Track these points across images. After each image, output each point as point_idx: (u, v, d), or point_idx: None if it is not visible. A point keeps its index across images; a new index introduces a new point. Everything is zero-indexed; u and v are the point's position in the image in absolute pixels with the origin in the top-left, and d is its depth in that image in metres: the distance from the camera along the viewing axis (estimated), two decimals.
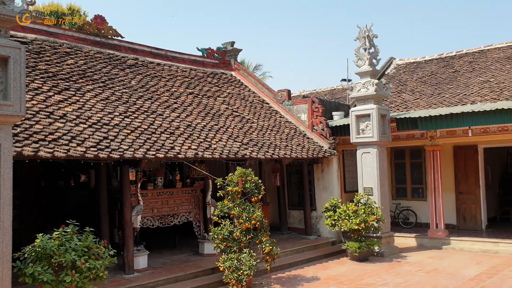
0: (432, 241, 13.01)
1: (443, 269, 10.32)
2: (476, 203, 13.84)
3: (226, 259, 8.96)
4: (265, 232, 9.46)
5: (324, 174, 13.93)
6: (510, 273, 9.72)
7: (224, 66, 16.07)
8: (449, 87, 14.96)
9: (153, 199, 10.56)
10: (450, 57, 17.56)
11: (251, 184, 9.45)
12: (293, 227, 14.55)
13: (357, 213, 11.46)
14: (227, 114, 12.96)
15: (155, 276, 9.24)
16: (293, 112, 14.63)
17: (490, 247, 12.05)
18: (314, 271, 10.49)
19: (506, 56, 15.60)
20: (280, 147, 12.38)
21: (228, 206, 9.35)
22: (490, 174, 15.23)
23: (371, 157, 12.40)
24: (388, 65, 18.98)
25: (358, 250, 11.30)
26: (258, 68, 31.08)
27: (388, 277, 9.77)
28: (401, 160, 15.35)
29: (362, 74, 12.65)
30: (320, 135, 13.85)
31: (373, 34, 12.67)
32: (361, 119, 12.56)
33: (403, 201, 15.17)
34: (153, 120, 10.47)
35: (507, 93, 12.81)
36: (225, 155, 10.45)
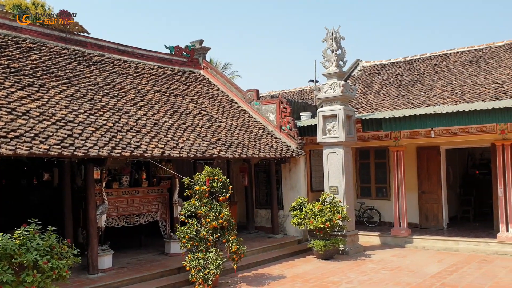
0: (395, 239, 13.32)
1: (406, 266, 10.58)
2: (438, 202, 14.26)
3: (193, 258, 8.94)
4: (232, 231, 9.48)
5: (291, 173, 14.07)
6: (469, 270, 10.05)
7: (193, 64, 15.99)
8: (413, 89, 15.34)
9: (118, 198, 10.41)
10: (414, 60, 18.00)
11: (218, 183, 9.45)
12: (260, 226, 14.63)
13: (323, 212, 11.63)
14: (195, 113, 12.90)
15: (120, 276, 9.12)
16: (262, 112, 14.71)
17: (451, 245, 12.43)
18: (280, 270, 10.58)
19: (468, 60, 16.11)
20: (248, 146, 12.42)
21: (195, 205, 9.32)
22: (451, 175, 15.70)
23: (337, 157, 12.59)
24: (355, 67, 19.30)
25: (324, 248, 11.46)
26: (227, 67, 31.05)
27: (353, 275, 9.95)
28: (366, 160, 15.68)
29: (329, 76, 12.83)
30: (288, 135, 13.97)
31: (340, 36, 12.87)
32: (327, 120, 12.74)
33: (367, 200, 15.49)
34: (119, 118, 10.33)
35: (468, 95, 13.25)
36: (193, 154, 10.40)
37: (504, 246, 11.65)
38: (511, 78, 13.49)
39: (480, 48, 16.59)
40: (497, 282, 8.94)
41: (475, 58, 15.98)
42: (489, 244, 11.92)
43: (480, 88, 13.55)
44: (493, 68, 14.66)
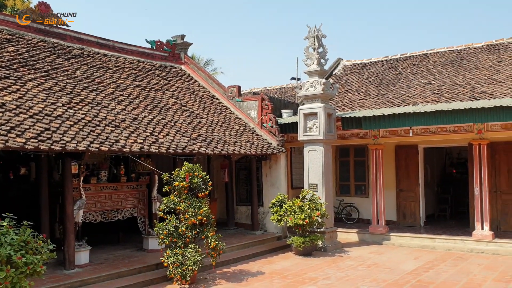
0: (373, 236, 13.47)
1: (383, 263, 10.71)
2: (415, 200, 14.45)
3: (171, 254, 8.91)
4: (212, 227, 9.46)
5: (272, 170, 14.10)
6: (445, 267, 10.23)
7: (174, 59, 15.88)
8: (392, 88, 15.50)
9: (96, 194, 10.29)
10: (394, 59, 18.18)
11: (198, 180, 9.42)
12: (240, 223, 14.64)
13: (302, 209, 11.69)
14: (175, 108, 12.82)
15: (97, 271, 9.03)
16: (243, 108, 14.69)
17: (427, 242, 12.61)
18: (259, 266, 10.61)
19: (447, 60, 16.34)
20: (229, 143, 12.40)
21: (174, 201, 9.28)
22: (429, 173, 15.94)
23: (317, 155, 12.67)
24: (336, 65, 19.40)
25: (303, 245, 11.53)
26: (209, 63, 30.92)
27: (331, 271, 10.03)
28: (345, 158, 15.82)
29: (311, 73, 12.88)
30: (269, 132, 13.99)
31: (322, 34, 12.91)
32: (308, 117, 12.80)
33: (346, 197, 15.63)
34: (97, 112, 10.20)
35: (447, 95, 13.44)
36: (173, 150, 10.34)
37: (479, 244, 11.87)
38: (488, 79, 13.73)
39: (459, 49, 16.83)
40: (471, 279, 9.12)
41: (454, 59, 16.21)
42: (464, 242, 12.14)
43: (458, 88, 13.76)
44: (471, 69, 14.90)
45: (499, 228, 12.90)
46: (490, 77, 13.78)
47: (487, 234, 11.92)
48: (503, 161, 13.00)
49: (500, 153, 12.99)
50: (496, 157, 13.01)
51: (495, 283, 8.76)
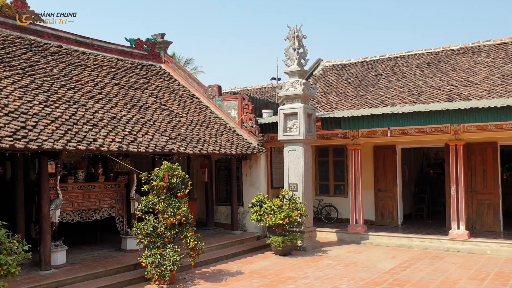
0: (351, 236, 13.59)
1: (361, 262, 10.81)
2: (393, 200, 14.64)
3: (149, 254, 8.84)
4: (191, 227, 9.41)
5: (252, 170, 14.11)
6: (421, 266, 10.38)
7: (154, 58, 15.75)
8: (371, 89, 15.67)
9: (73, 193, 10.15)
10: (374, 60, 18.37)
11: (177, 179, 9.36)
12: (220, 223, 14.61)
13: (282, 209, 11.72)
14: (154, 107, 12.72)
15: (73, 272, 8.91)
16: (224, 108, 14.66)
17: (404, 242, 12.79)
18: (238, 266, 10.61)
19: (425, 62, 16.58)
20: (209, 142, 12.36)
21: (153, 201, 9.21)
22: (407, 173, 16.17)
23: (297, 155, 12.72)
24: (316, 66, 19.51)
25: (282, 244, 11.56)
26: (190, 62, 30.75)
27: (309, 270, 10.09)
28: (325, 158, 15.93)
29: (291, 74, 12.93)
30: (250, 132, 13.99)
31: (302, 34, 12.97)
32: (288, 118, 12.84)
33: (325, 197, 15.74)
34: (75, 111, 10.06)
35: (424, 96, 13.64)
36: (151, 149, 10.26)
37: (455, 243, 12.08)
38: (465, 80, 13.98)
39: (437, 51, 17.10)
40: (447, 277, 9.27)
41: (432, 61, 16.46)
42: (441, 241, 12.34)
43: (435, 89, 13.98)
44: (449, 71, 15.15)
45: (474, 227, 13.16)
46: (466, 79, 14.04)
47: (463, 233, 12.14)
48: (479, 162, 13.26)
49: (476, 154, 13.25)
50: (472, 157, 13.26)
51: (470, 281, 8.93)
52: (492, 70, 14.13)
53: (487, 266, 10.22)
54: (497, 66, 14.24)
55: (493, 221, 13.05)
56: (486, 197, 13.17)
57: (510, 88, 12.48)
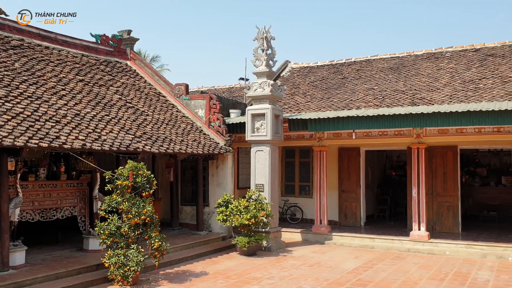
0: (316, 236, 13.74)
1: (325, 263, 10.95)
2: (356, 201, 14.90)
3: (112, 255, 8.67)
4: (155, 227, 9.29)
5: (219, 170, 14.05)
6: (383, 266, 10.59)
7: (119, 54, 15.46)
8: (337, 92, 15.89)
9: (34, 192, 9.85)
10: (340, 64, 18.63)
11: (142, 179, 9.22)
12: (185, 223, 14.49)
13: (248, 209, 11.73)
14: (120, 104, 12.50)
15: (33, 273, 8.63)
16: (191, 107, 14.55)
17: (367, 242, 13.02)
18: (203, 266, 10.55)
19: (389, 66, 16.95)
20: (175, 142, 12.24)
21: (117, 201, 9.03)
22: (370, 175, 16.48)
23: (264, 155, 12.76)
24: (284, 67, 19.63)
25: (247, 245, 11.57)
26: (156, 59, 30.38)
27: (274, 270, 10.13)
28: (291, 159, 16.06)
29: (259, 74, 12.96)
30: (217, 131, 13.94)
31: (271, 36, 13.03)
32: (256, 118, 12.87)
33: (291, 198, 15.87)
34: (37, 107, 9.75)
35: (389, 100, 13.95)
36: (116, 148, 10.07)
37: (416, 244, 12.39)
38: (428, 85, 14.37)
39: (401, 56, 17.49)
40: (408, 277, 9.50)
41: (396, 65, 16.84)
42: (402, 242, 12.62)
43: (399, 94, 14.31)
44: (412, 76, 15.54)
45: (434, 228, 13.54)
46: (429, 84, 14.43)
47: (424, 234, 12.47)
48: (439, 165, 13.65)
49: (437, 157, 13.64)
50: (433, 160, 13.64)
51: (430, 281, 9.17)
52: (453, 76, 14.58)
53: (446, 266, 10.53)
54: (459, 72, 14.71)
55: (452, 222, 13.46)
56: (446, 199, 13.57)
57: (471, 93, 12.91)
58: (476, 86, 13.39)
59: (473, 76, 14.15)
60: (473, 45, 16.25)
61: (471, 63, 15.14)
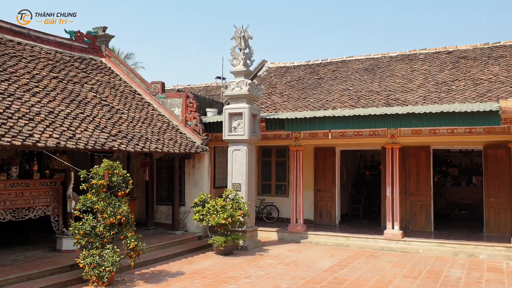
0: (292, 235, 13.82)
1: (301, 261, 11.02)
2: (331, 200, 15.06)
3: (87, 255, 8.53)
4: (131, 227, 9.19)
5: (195, 169, 13.97)
6: (358, 264, 10.73)
7: (94, 51, 15.20)
8: (313, 92, 16.02)
9: (5, 191, 9.60)
10: (316, 64, 18.78)
11: (118, 178, 9.09)
12: (160, 223, 14.35)
13: (225, 208, 11.71)
14: (94, 102, 12.29)
15: (4, 274, 8.40)
16: (167, 105, 14.42)
17: (342, 241, 13.17)
18: (179, 266, 10.48)
19: (364, 67, 17.17)
20: (151, 140, 12.11)
21: (92, 200, 8.88)
22: (345, 174, 16.67)
23: (242, 154, 12.76)
24: (261, 67, 19.67)
25: (224, 244, 11.55)
26: (130, 57, 30.08)
27: (251, 270, 10.15)
28: (267, 158, 16.12)
29: (237, 74, 12.95)
30: (193, 130, 13.85)
31: (249, 35, 13.03)
32: (234, 117, 12.86)
33: (267, 197, 15.93)
34: (9, 104, 9.51)
35: (364, 101, 14.13)
36: (91, 146, 9.90)
37: (389, 242, 12.59)
38: (402, 86, 14.62)
39: (376, 57, 17.75)
40: (383, 275, 9.65)
41: (371, 66, 17.08)
42: (376, 240, 12.82)
43: (374, 94, 14.52)
44: (387, 77, 15.78)
45: (407, 227, 13.79)
46: (403, 85, 14.68)
47: (397, 233, 12.68)
48: (413, 165, 13.92)
49: (410, 157, 13.89)
50: (407, 160, 13.89)
51: (404, 279, 9.34)
52: (427, 77, 14.87)
53: (420, 264, 10.74)
54: (432, 74, 15.01)
55: (425, 221, 13.74)
56: (419, 198, 13.84)
57: (444, 95, 13.20)
58: (449, 87, 13.70)
59: (446, 77, 14.47)
60: (446, 48, 16.61)
61: (444, 65, 15.48)
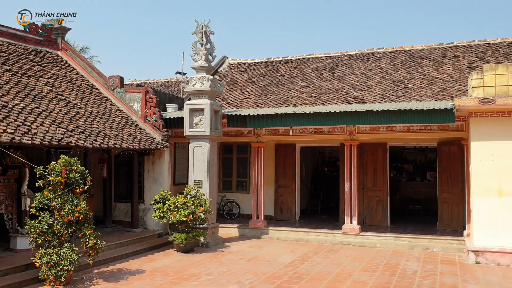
0: (252, 231, 13.89)
1: (262, 257, 11.10)
2: (292, 196, 15.24)
3: (44, 254, 8.27)
4: (89, 225, 8.97)
5: (155, 166, 13.76)
6: (318, 259, 10.91)
7: (50, 44, 14.68)
8: (275, 89, 16.11)
9: None
10: (277, 61, 18.89)
11: (76, 174, 8.84)
12: (119, 220, 14.07)
13: (186, 205, 11.62)
14: (50, 97, 11.89)
15: None
16: (126, 100, 14.12)
17: (302, 236, 13.35)
18: (139, 264, 10.32)
19: (324, 65, 17.42)
20: (110, 136, 11.84)
21: (49, 197, 8.60)
22: (304, 170, 16.90)
23: (203, 151, 12.69)
24: (222, 63, 19.60)
25: (185, 241, 11.46)
26: (85, 50, 29.18)
27: (212, 266, 10.12)
28: (229, 154, 16.11)
29: (198, 69, 12.85)
30: (153, 126, 13.64)
31: (210, 30, 12.95)
32: (195, 113, 12.75)
33: (228, 193, 15.92)
34: None
35: (323, 98, 14.35)
36: (47, 142, 9.58)
37: (348, 237, 12.87)
38: (360, 84, 14.94)
39: (335, 56, 18.04)
40: (342, 269, 9.85)
41: (330, 64, 17.34)
42: (335, 235, 13.07)
43: (333, 92, 14.76)
44: (346, 75, 16.08)
45: (365, 222, 14.13)
46: (361, 83, 15.01)
47: (355, 227, 12.98)
48: (370, 161, 14.27)
49: (368, 154, 14.23)
50: (364, 157, 14.22)
51: (363, 273, 9.57)
52: (384, 76, 15.26)
53: (377, 258, 11.03)
54: (389, 72, 15.42)
55: (381, 216, 14.13)
56: (376, 193, 14.21)
57: (400, 93, 13.58)
58: (405, 86, 14.11)
59: (403, 76, 14.89)
60: (402, 47, 17.09)
61: (401, 64, 15.92)
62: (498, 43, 15.76)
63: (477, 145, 10.54)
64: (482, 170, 10.45)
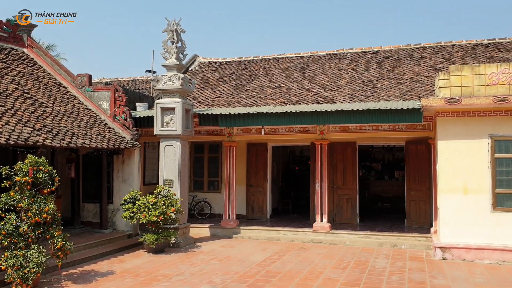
0: (224, 230, 13.87)
1: (234, 256, 11.10)
2: (263, 195, 15.31)
3: (10, 256, 8.03)
4: (57, 226, 8.78)
5: (124, 166, 13.56)
6: (289, 257, 10.99)
7: (15, 41, 14.26)
8: (246, 88, 16.13)
9: None
10: (248, 61, 18.90)
11: (44, 174, 8.64)
12: (87, 221, 13.81)
13: (157, 205, 11.51)
14: (16, 95, 11.57)
15: None
16: (94, 99, 13.86)
17: (273, 234, 13.42)
18: (109, 265, 10.17)
19: (295, 65, 17.54)
20: (78, 135, 11.61)
21: (15, 198, 8.37)
22: (275, 170, 16.99)
23: (174, 150, 12.59)
24: (192, 61, 19.47)
25: (155, 242, 11.35)
26: (51, 48, 28.60)
27: (184, 266, 10.06)
28: (200, 154, 16.05)
29: (169, 67, 12.74)
30: (123, 125, 13.43)
31: (181, 28, 12.86)
32: (166, 112, 12.64)
33: (199, 193, 15.86)
34: None
35: (294, 98, 14.45)
36: (13, 141, 9.32)
37: (318, 235, 13.01)
38: (330, 84, 15.11)
39: (306, 56, 18.18)
40: (313, 267, 9.96)
41: (301, 65, 17.47)
42: (306, 233, 13.19)
43: (304, 92, 14.88)
44: (316, 75, 16.23)
45: (335, 220, 14.32)
46: (331, 84, 15.18)
47: (326, 225, 13.13)
48: (340, 160, 14.46)
49: (338, 152, 14.43)
50: (334, 156, 14.41)
51: (334, 270, 9.70)
52: (354, 76, 15.48)
53: (347, 255, 11.19)
54: (358, 73, 15.65)
55: (351, 214, 14.35)
56: (345, 192, 14.43)
57: (369, 93, 13.81)
58: (374, 86, 14.36)
59: (372, 76, 15.15)
60: (371, 48, 17.37)
61: (370, 64, 16.19)
62: (463, 45, 16.22)
63: (443, 144, 10.82)
64: (448, 169, 10.74)
